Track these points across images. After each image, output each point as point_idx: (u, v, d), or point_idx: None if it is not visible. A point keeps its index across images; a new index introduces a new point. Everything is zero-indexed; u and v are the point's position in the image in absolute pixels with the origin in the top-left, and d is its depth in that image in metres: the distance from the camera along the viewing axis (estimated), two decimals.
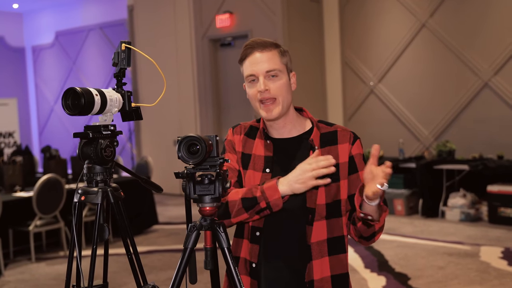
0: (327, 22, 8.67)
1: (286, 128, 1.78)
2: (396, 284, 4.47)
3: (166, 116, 9.62)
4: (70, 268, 1.77)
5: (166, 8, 9.56)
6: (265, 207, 1.65)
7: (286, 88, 1.73)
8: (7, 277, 5.15)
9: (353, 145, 1.76)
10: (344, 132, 1.77)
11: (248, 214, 1.68)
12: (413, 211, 7.19)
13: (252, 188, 1.69)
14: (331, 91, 8.70)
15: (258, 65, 1.71)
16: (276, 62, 1.72)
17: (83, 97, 1.61)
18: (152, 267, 5.17)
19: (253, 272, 1.75)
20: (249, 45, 1.75)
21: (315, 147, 1.74)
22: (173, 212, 8.04)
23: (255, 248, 1.75)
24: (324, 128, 1.79)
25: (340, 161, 1.73)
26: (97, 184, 1.73)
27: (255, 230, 1.75)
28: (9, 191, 5.93)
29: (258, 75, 1.72)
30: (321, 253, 1.71)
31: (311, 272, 1.71)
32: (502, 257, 5.09)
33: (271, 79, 1.72)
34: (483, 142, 7.20)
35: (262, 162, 1.77)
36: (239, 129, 1.87)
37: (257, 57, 1.72)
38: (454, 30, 7.41)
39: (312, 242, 1.71)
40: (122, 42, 1.73)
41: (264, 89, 1.70)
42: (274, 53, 1.73)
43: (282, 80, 1.73)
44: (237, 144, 1.84)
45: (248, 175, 1.78)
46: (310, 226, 1.70)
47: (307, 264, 1.71)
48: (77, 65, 12.15)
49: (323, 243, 1.71)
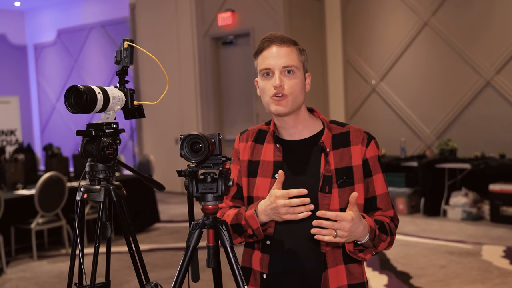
0: (329, 21, 8.66)
1: (297, 129, 1.71)
2: (397, 282, 4.47)
3: (167, 114, 9.62)
4: (72, 266, 1.77)
5: (168, 6, 9.56)
6: (252, 234, 1.63)
7: (300, 86, 1.66)
8: (9, 274, 5.16)
9: (368, 147, 1.68)
10: (357, 132, 1.69)
11: (242, 238, 1.67)
12: (415, 209, 7.19)
13: (238, 214, 1.66)
14: (333, 89, 8.70)
15: (275, 59, 1.64)
16: (293, 59, 1.65)
17: (85, 95, 1.61)
18: (154, 265, 5.18)
19: (264, 284, 1.69)
20: (267, 38, 1.67)
21: (327, 149, 1.67)
22: (175, 210, 8.05)
23: (266, 258, 1.69)
24: (336, 128, 1.71)
25: (353, 164, 1.66)
26: (99, 182, 1.73)
27: (265, 238, 1.68)
28: (11, 189, 5.94)
29: (274, 70, 1.64)
30: (336, 261, 1.65)
31: (326, 282, 1.64)
32: (504, 256, 5.09)
33: (286, 75, 1.64)
34: (485, 141, 7.19)
35: (271, 167, 1.71)
36: (246, 135, 1.81)
37: (274, 51, 1.65)
38: (456, 28, 7.40)
39: (327, 249, 1.64)
40: (124, 40, 1.73)
41: (279, 85, 1.62)
42: (293, 49, 1.66)
43: (298, 79, 1.66)
44: (242, 153, 1.78)
45: (257, 183, 1.72)
46: None
47: (322, 273, 1.64)
48: (79, 63, 12.15)
49: (338, 251, 1.65)
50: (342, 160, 1.67)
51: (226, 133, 9.01)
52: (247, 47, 8.61)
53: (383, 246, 1.63)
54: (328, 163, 1.66)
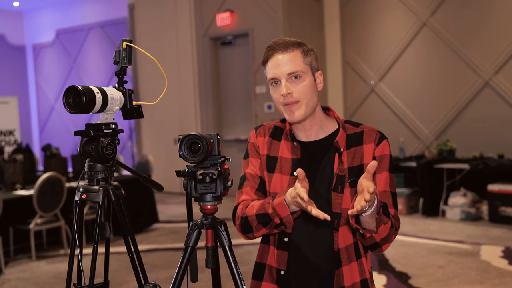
0: (328, 21, 8.67)
1: (313, 130, 1.71)
2: (396, 283, 4.47)
3: (166, 114, 9.62)
4: (71, 266, 1.77)
5: (166, 7, 9.56)
6: (280, 223, 1.60)
7: (311, 89, 1.65)
8: (8, 275, 5.15)
9: (378, 146, 1.68)
10: (370, 132, 1.70)
11: (267, 229, 1.64)
12: (413, 210, 7.19)
13: (265, 203, 1.63)
14: (332, 90, 8.70)
15: (280, 68, 1.64)
16: (298, 63, 1.64)
17: (84, 95, 1.61)
18: (153, 266, 5.17)
19: (281, 280, 1.69)
20: (270, 47, 1.67)
21: (341, 149, 1.68)
22: (173, 210, 8.05)
23: (284, 255, 1.69)
24: (351, 129, 1.72)
25: (364, 161, 1.67)
26: (98, 182, 1.74)
27: (283, 236, 1.69)
28: (10, 189, 5.93)
29: (280, 78, 1.64)
30: (349, 258, 1.66)
31: (340, 279, 1.65)
32: (502, 256, 5.09)
33: (294, 81, 1.64)
34: (483, 141, 7.20)
35: (289, 165, 1.71)
36: (263, 130, 1.79)
37: (278, 59, 1.65)
38: (455, 29, 7.41)
39: (340, 247, 1.66)
40: (123, 40, 1.73)
41: (286, 93, 1.62)
42: (297, 53, 1.65)
43: (306, 82, 1.65)
44: (261, 147, 1.76)
45: (275, 179, 1.72)
46: (337, 231, 1.65)
47: (335, 271, 1.65)
48: (78, 63, 12.15)
49: (351, 248, 1.67)
50: (354, 159, 1.68)
51: (224, 134, 9.01)
52: (246, 48, 8.61)
53: (382, 233, 1.58)
54: (341, 163, 1.67)
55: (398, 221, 1.67)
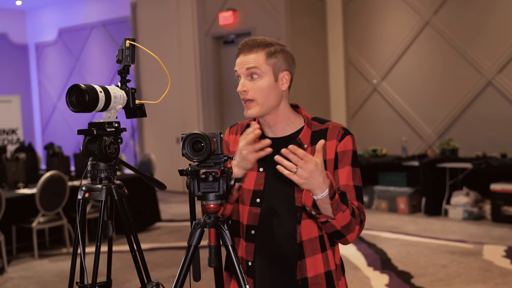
0: (330, 20, 8.65)
1: (278, 127, 1.77)
2: (399, 282, 4.47)
3: (169, 113, 9.63)
4: (73, 265, 1.77)
5: (169, 5, 9.56)
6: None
7: (268, 89, 1.71)
8: (10, 273, 5.16)
9: (340, 142, 1.72)
10: (334, 129, 1.74)
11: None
12: (416, 209, 7.18)
13: None
14: (334, 89, 8.69)
15: (240, 66, 1.76)
16: (258, 64, 1.72)
17: (87, 94, 1.61)
18: (155, 264, 5.18)
19: (249, 271, 1.77)
20: (240, 46, 1.78)
21: (304, 145, 1.73)
22: (176, 209, 8.05)
23: (251, 247, 1.76)
24: (316, 126, 1.77)
25: (327, 157, 1.72)
26: (101, 181, 1.73)
27: (250, 228, 1.77)
28: (12, 188, 5.95)
29: (241, 76, 1.76)
30: (314, 250, 1.72)
31: (303, 270, 1.71)
32: (505, 255, 5.08)
33: (251, 80, 1.73)
34: (486, 141, 7.19)
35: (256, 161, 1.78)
36: (236, 128, 1.88)
37: (241, 58, 1.76)
38: (458, 28, 7.39)
39: (303, 240, 1.72)
40: (126, 39, 1.73)
41: (241, 90, 1.73)
42: (260, 54, 1.73)
43: (262, 82, 1.71)
44: (232, 144, 1.85)
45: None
46: (299, 224, 1.71)
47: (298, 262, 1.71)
48: (80, 62, 12.16)
49: (315, 240, 1.72)
50: None
51: None
52: None
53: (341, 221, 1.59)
54: None
55: (363, 214, 1.69)
